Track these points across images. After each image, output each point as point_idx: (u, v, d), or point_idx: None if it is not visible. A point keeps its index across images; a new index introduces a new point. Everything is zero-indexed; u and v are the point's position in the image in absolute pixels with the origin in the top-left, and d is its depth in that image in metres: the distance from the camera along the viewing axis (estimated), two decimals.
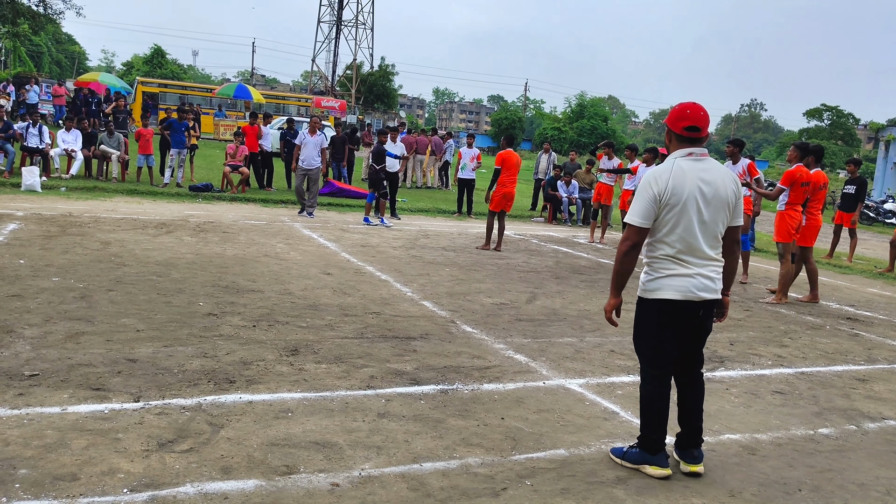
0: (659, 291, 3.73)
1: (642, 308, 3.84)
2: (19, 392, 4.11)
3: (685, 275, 3.69)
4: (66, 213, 10.89)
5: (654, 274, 3.75)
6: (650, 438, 3.83)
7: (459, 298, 7.67)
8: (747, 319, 7.97)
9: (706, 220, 3.69)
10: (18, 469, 3.25)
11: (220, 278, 7.49)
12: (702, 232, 3.69)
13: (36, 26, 35.84)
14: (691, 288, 3.70)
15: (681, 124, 3.73)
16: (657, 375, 3.85)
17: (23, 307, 5.78)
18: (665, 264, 3.72)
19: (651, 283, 3.76)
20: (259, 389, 4.50)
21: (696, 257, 3.71)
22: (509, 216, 17.31)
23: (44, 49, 67.08)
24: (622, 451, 3.94)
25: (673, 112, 3.80)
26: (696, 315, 3.77)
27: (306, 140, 13.42)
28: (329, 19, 64.51)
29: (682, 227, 3.67)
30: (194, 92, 37.96)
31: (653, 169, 3.77)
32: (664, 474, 3.80)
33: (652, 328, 3.81)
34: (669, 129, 3.81)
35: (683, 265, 3.70)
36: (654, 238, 3.74)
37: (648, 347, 3.85)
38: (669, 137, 3.83)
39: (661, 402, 3.84)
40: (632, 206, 3.74)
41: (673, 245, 3.69)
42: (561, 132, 65.35)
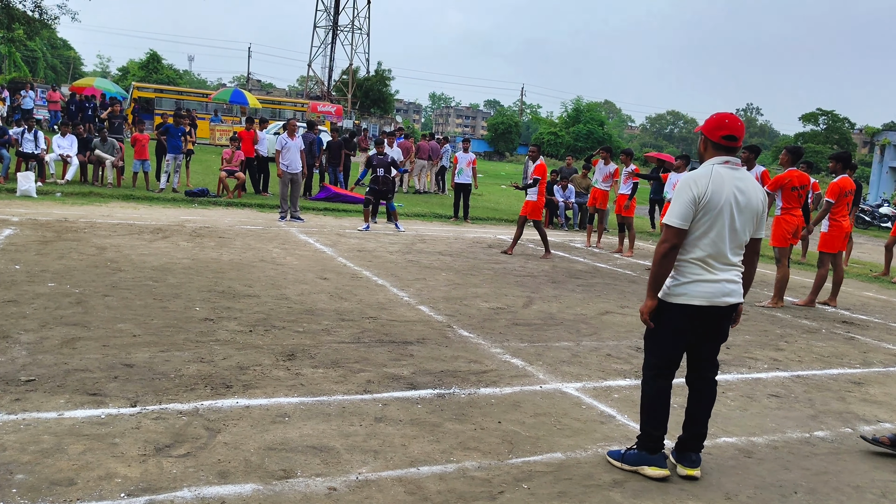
0: (685, 297, 3.75)
1: (664, 311, 3.84)
2: (16, 397, 4.10)
3: (712, 280, 3.74)
4: (61, 218, 10.88)
5: (681, 279, 3.78)
6: (652, 437, 3.85)
7: (456, 303, 7.68)
8: (743, 323, 7.99)
9: (737, 227, 3.76)
10: (15, 474, 3.24)
11: (216, 283, 7.49)
12: (731, 239, 3.76)
13: (31, 31, 35.80)
14: (717, 294, 3.75)
15: (719, 133, 3.79)
16: (664, 375, 3.87)
17: (19, 313, 5.77)
18: (693, 269, 3.75)
19: (677, 288, 3.78)
20: (256, 394, 4.50)
21: (723, 263, 3.77)
22: (506, 221, 17.36)
23: (39, 54, 67.05)
24: (620, 453, 3.95)
25: (710, 122, 3.85)
26: (718, 319, 3.82)
27: (288, 144, 13.38)
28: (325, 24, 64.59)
29: (715, 233, 3.72)
30: (190, 97, 37.97)
31: (692, 172, 3.80)
32: (663, 475, 3.82)
33: (670, 331, 3.83)
34: (706, 137, 3.85)
35: (710, 271, 3.75)
36: (686, 241, 3.76)
37: (662, 348, 3.87)
38: (705, 146, 3.88)
39: (664, 402, 3.88)
40: (671, 207, 3.76)
41: (704, 249, 3.73)
42: (557, 137, 65.51)
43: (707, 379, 3.98)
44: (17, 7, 31.91)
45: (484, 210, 18.92)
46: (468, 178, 16.03)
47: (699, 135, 3.93)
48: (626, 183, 13.15)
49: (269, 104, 40.00)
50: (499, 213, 18.73)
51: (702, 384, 3.98)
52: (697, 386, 3.99)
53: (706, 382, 3.98)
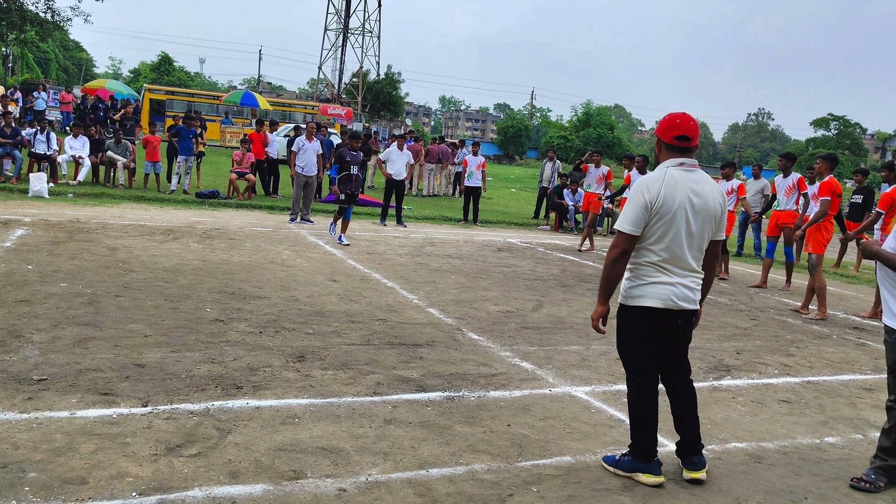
0: (641, 298, 3.74)
1: (624, 315, 3.84)
2: (28, 396, 4.13)
3: (667, 283, 3.71)
4: (73, 219, 10.95)
5: (637, 281, 3.76)
6: (641, 447, 3.83)
7: (465, 306, 7.68)
8: (754, 329, 7.96)
9: (693, 231, 3.71)
10: (28, 472, 3.27)
11: (226, 284, 7.52)
12: (688, 243, 3.71)
13: (43, 33, 36.06)
14: (672, 297, 3.71)
15: (670, 134, 3.74)
16: (643, 383, 3.85)
17: (31, 312, 5.82)
18: (648, 271, 3.73)
19: (633, 290, 3.77)
20: (266, 395, 4.52)
21: (680, 267, 3.73)
22: (515, 224, 17.36)
23: (51, 56, 67.54)
24: (615, 459, 3.93)
25: (662, 122, 3.82)
26: (676, 323, 3.78)
27: (305, 146, 13.43)
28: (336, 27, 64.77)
29: (671, 237, 3.68)
30: (201, 99, 38.12)
31: (644, 177, 3.76)
32: (657, 482, 3.80)
33: (634, 335, 3.82)
34: (659, 139, 3.81)
35: (666, 273, 3.71)
36: (641, 245, 3.74)
37: (632, 354, 3.86)
38: (659, 147, 3.83)
39: (649, 409, 3.83)
40: (622, 212, 3.73)
41: (659, 253, 3.70)
42: (567, 140, 65.45)
43: (683, 380, 3.96)
44: (30, 9, 32.17)
45: (494, 213, 18.93)
46: (478, 181, 16.08)
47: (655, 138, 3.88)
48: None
49: (280, 106, 40.10)
50: (509, 216, 18.74)
51: (679, 386, 3.96)
52: (675, 389, 3.97)
53: (682, 383, 3.96)
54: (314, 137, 13.61)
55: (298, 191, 13.42)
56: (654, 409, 3.85)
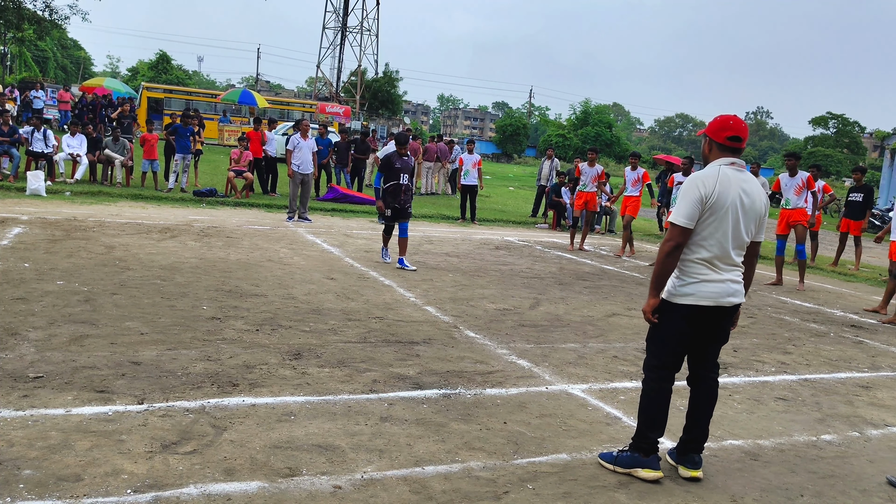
0: (691, 297, 3.75)
1: (667, 310, 3.84)
2: (24, 394, 4.13)
3: (716, 280, 3.75)
4: (70, 217, 10.94)
5: (687, 279, 3.78)
6: (648, 439, 3.85)
7: (463, 304, 7.68)
8: (751, 326, 7.97)
9: (741, 229, 3.77)
10: (23, 470, 3.26)
11: (223, 282, 7.52)
12: (735, 240, 3.77)
13: (41, 31, 35.98)
14: (722, 294, 3.76)
15: (724, 134, 3.80)
16: (664, 376, 3.87)
17: (27, 310, 5.81)
18: (698, 269, 3.76)
19: (683, 288, 3.78)
20: (262, 393, 4.51)
21: (727, 264, 3.78)
22: (513, 223, 17.35)
23: (49, 54, 67.38)
24: (612, 455, 3.93)
25: (715, 123, 3.85)
26: (719, 320, 3.83)
27: (300, 144, 13.38)
28: (334, 25, 64.72)
29: (721, 233, 3.73)
30: (199, 97, 38.08)
31: (699, 173, 3.78)
32: (656, 477, 3.81)
33: (673, 331, 3.82)
34: (711, 139, 3.84)
35: (715, 271, 3.76)
36: (692, 241, 3.76)
37: (664, 349, 3.86)
38: (710, 147, 3.87)
39: (663, 404, 3.87)
40: (677, 206, 3.75)
41: (709, 249, 3.74)
42: (565, 139, 65.44)
43: (709, 380, 3.98)
44: (28, 7, 32.10)
45: (491, 212, 18.92)
46: (474, 179, 16.04)
47: (703, 137, 3.93)
48: (636, 186, 13.15)
49: (278, 105, 40.10)
50: (506, 214, 18.73)
51: (704, 385, 3.98)
52: (700, 387, 3.98)
53: (708, 383, 3.98)
54: (308, 135, 13.56)
55: (295, 189, 13.40)
56: (668, 403, 3.89)
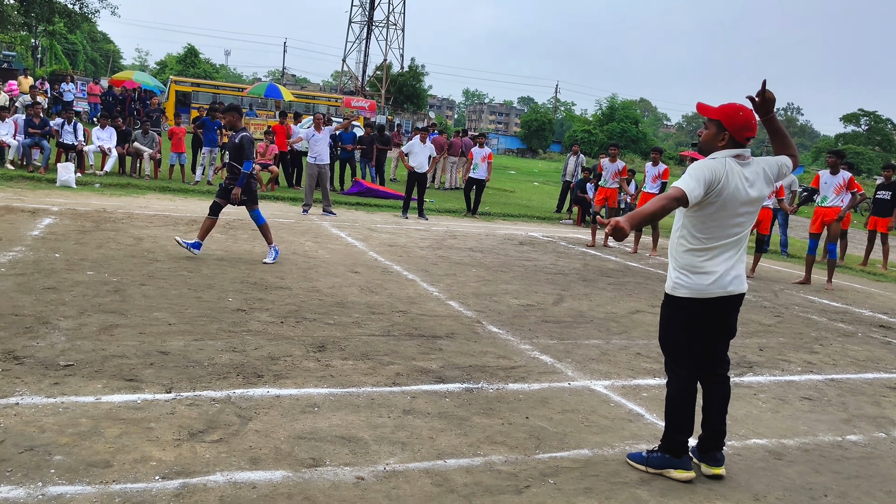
0: (692, 289, 3.73)
1: (672, 306, 3.83)
2: (55, 381, 4.22)
3: (717, 271, 3.71)
4: (100, 208, 11.11)
5: (687, 271, 3.74)
6: (677, 441, 3.82)
7: (486, 299, 7.69)
8: (778, 325, 7.89)
9: (743, 219, 3.72)
10: (54, 455, 3.34)
11: (248, 275, 7.60)
12: (738, 229, 3.72)
13: (71, 25, 36.47)
14: (724, 284, 3.72)
15: (745, 134, 3.69)
16: (686, 376, 3.84)
17: (58, 299, 5.92)
18: (698, 261, 3.72)
19: (683, 280, 3.75)
20: (286, 384, 4.57)
21: (729, 253, 3.74)
22: (538, 218, 17.31)
23: (79, 47, 68.28)
24: (642, 456, 3.92)
25: (739, 119, 3.67)
26: (726, 311, 3.80)
27: (316, 136, 13.44)
28: (360, 20, 64.89)
29: (721, 224, 3.68)
30: (226, 91, 38.41)
31: (707, 160, 3.67)
32: (690, 477, 3.80)
33: (682, 326, 3.80)
34: (729, 132, 3.69)
35: (716, 261, 3.71)
36: (692, 232, 3.73)
37: (678, 347, 3.84)
38: (724, 139, 3.70)
39: (689, 403, 3.84)
40: (685, 178, 3.61)
41: (710, 240, 3.70)
42: (591, 135, 65.10)
43: (720, 375, 3.95)
44: (59, 1, 32.56)
45: (516, 207, 18.89)
46: (483, 173, 15.89)
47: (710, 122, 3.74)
48: (655, 182, 12.99)
49: (304, 99, 40.30)
50: (531, 210, 18.69)
51: (715, 381, 3.95)
52: (711, 384, 3.96)
53: (720, 379, 3.95)
54: (322, 128, 13.58)
55: (311, 181, 13.47)
56: (693, 402, 3.86)
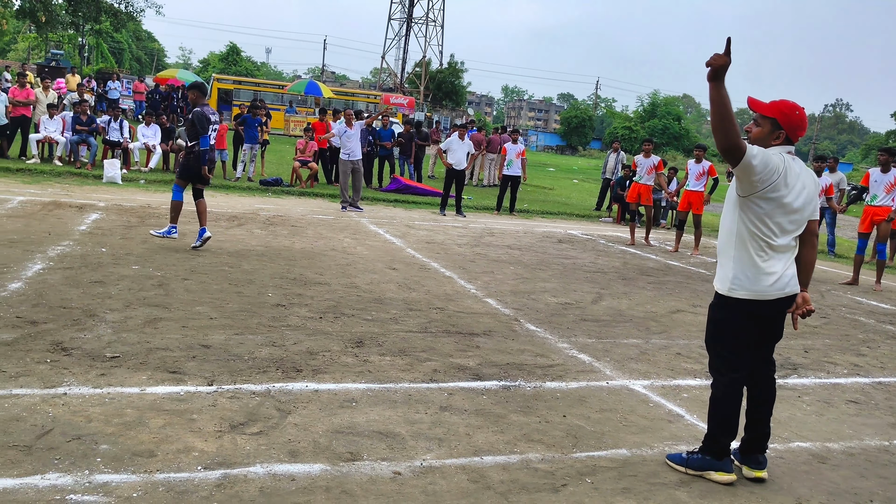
0: (751, 290, 3.65)
1: (726, 307, 3.74)
2: (101, 372, 4.32)
3: (774, 273, 3.63)
4: (144, 204, 11.34)
5: (745, 272, 3.65)
6: (720, 443, 3.76)
7: (524, 297, 7.66)
8: (824, 327, 7.72)
9: (797, 217, 3.65)
10: (100, 444, 3.43)
11: (288, 270, 7.69)
12: (789, 229, 3.65)
13: (117, 23, 37.29)
14: (782, 286, 3.65)
15: (799, 133, 3.67)
16: (735, 378, 3.77)
17: (105, 293, 6.06)
18: (755, 261, 3.63)
19: (741, 282, 3.66)
20: (325, 379, 4.61)
21: (783, 253, 3.67)
22: (577, 216, 17.18)
23: (125, 46, 69.73)
24: (682, 457, 3.86)
25: (795, 118, 3.64)
26: (778, 313, 3.73)
27: (349, 132, 13.48)
28: (400, 16, 65.11)
29: (775, 224, 3.61)
30: (267, 88, 38.92)
31: (768, 150, 3.58)
32: (731, 480, 3.74)
33: (735, 329, 3.73)
34: (784, 129, 3.64)
35: (771, 262, 3.64)
36: (749, 229, 3.63)
37: (728, 349, 3.76)
38: (777, 136, 3.66)
39: (735, 407, 3.77)
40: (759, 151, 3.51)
41: (772, 238, 3.62)
42: (632, 131, 64.36)
43: (767, 377, 3.88)
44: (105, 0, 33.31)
45: (555, 204, 18.78)
46: (517, 170, 15.73)
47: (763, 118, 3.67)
48: (700, 179, 12.73)
49: (343, 96, 40.59)
50: (570, 207, 18.57)
51: (762, 383, 3.88)
52: (757, 385, 3.88)
53: (766, 381, 3.88)
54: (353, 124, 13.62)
55: (346, 178, 13.54)
56: (738, 405, 3.79)
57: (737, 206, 3.68)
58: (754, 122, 3.76)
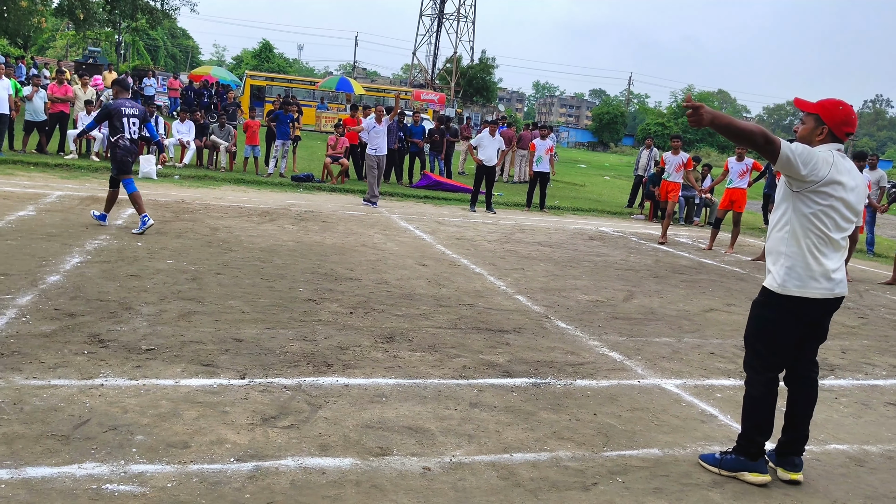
0: (802, 289, 3.57)
1: (774, 305, 3.65)
2: (137, 364, 4.39)
3: (827, 272, 3.58)
4: (179, 199, 11.50)
5: (798, 269, 3.58)
6: (755, 443, 3.71)
7: (554, 294, 7.62)
8: (862, 327, 7.56)
9: (847, 215, 3.60)
10: (136, 435, 3.48)
11: (319, 266, 7.74)
12: (843, 226, 3.60)
13: (153, 21, 37.87)
14: (832, 286, 3.60)
15: (845, 129, 3.62)
16: (773, 378, 3.72)
17: (140, 286, 6.16)
18: (808, 259, 3.56)
19: (792, 280, 3.58)
20: (355, 374, 4.64)
21: (836, 252, 3.61)
22: (609, 213, 17.05)
23: (160, 43, 70.75)
24: (715, 458, 3.81)
25: (838, 114, 3.60)
26: (826, 314, 3.68)
27: (377, 128, 13.49)
28: (431, 12, 65.13)
29: (831, 219, 3.55)
30: (298, 85, 39.17)
31: (818, 149, 3.54)
32: (765, 481, 3.69)
33: (781, 327, 3.65)
34: (828, 126, 3.60)
35: (825, 260, 3.58)
36: (803, 224, 3.57)
37: (770, 348, 3.70)
38: (822, 132, 3.62)
39: (771, 407, 3.72)
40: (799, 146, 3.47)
41: (821, 235, 3.56)
42: (665, 128, 63.68)
43: (810, 378, 3.81)
44: None
45: (586, 201, 18.66)
46: (546, 166, 15.62)
47: (809, 116, 3.66)
48: (743, 177, 12.51)
49: (374, 92, 40.75)
50: (601, 204, 18.43)
51: (804, 384, 3.81)
52: (799, 386, 3.81)
53: (808, 382, 3.81)
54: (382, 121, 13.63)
55: (373, 172, 13.55)
56: (774, 406, 3.73)
57: (790, 203, 3.61)
58: (801, 122, 3.72)
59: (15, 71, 24.63)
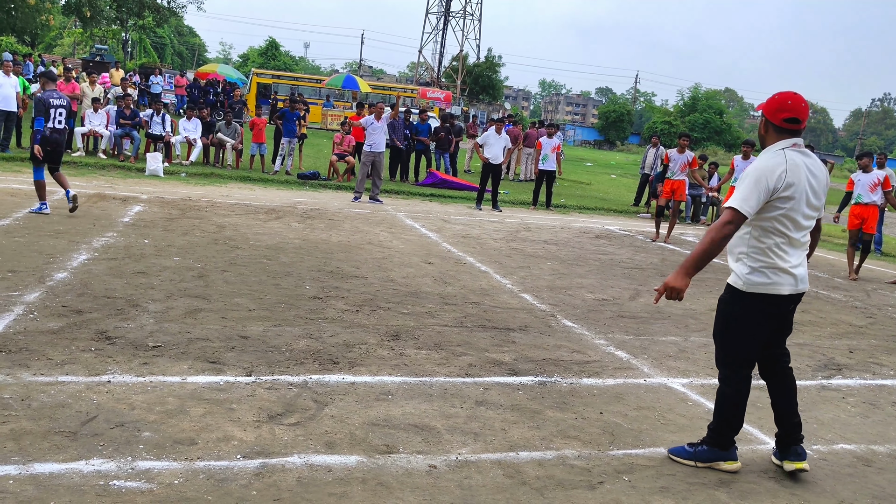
0: (767, 286, 3.59)
1: (741, 303, 3.66)
2: (144, 361, 4.41)
3: (791, 267, 3.59)
4: (185, 197, 11.53)
5: (761, 267, 3.60)
6: (726, 436, 3.76)
7: (560, 292, 7.62)
8: (870, 327, 7.53)
9: (810, 213, 3.61)
10: (143, 432, 3.50)
11: (325, 263, 7.75)
12: (805, 223, 3.62)
13: (160, 19, 38.00)
14: (796, 282, 3.62)
15: (781, 116, 3.58)
16: (745, 377, 3.75)
17: (147, 284, 6.18)
18: (771, 257, 3.58)
19: (757, 277, 3.60)
20: (361, 371, 4.64)
21: (798, 249, 3.64)
22: (615, 211, 17.02)
23: (167, 41, 70.88)
24: (686, 450, 3.83)
25: (772, 102, 3.62)
26: (792, 308, 3.74)
27: (375, 125, 13.49)
28: (437, 10, 65.10)
29: (791, 220, 3.56)
30: (305, 83, 39.21)
31: (766, 162, 3.55)
32: (738, 468, 3.77)
33: (750, 325, 3.67)
34: (767, 119, 3.63)
35: (788, 256, 3.60)
36: (763, 227, 3.58)
37: (741, 346, 3.72)
38: (766, 127, 3.66)
39: (743, 402, 3.77)
40: (740, 191, 3.52)
41: (782, 235, 3.57)
42: (671, 126, 63.49)
43: (784, 367, 3.84)
44: None
45: (593, 200, 18.63)
46: (552, 164, 15.63)
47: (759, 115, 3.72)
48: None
49: (380, 90, 40.76)
50: (608, 203, 18.40)
51: (780, 376, 3.84)
52: (777, 379, 3.84)
53: (783, 372, 3.84)
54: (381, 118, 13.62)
55: (365, 169, 13.53)
56: (746, 400, 3.79)
57: None
58: None
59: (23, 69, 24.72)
